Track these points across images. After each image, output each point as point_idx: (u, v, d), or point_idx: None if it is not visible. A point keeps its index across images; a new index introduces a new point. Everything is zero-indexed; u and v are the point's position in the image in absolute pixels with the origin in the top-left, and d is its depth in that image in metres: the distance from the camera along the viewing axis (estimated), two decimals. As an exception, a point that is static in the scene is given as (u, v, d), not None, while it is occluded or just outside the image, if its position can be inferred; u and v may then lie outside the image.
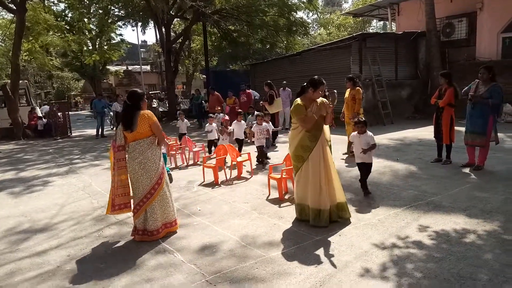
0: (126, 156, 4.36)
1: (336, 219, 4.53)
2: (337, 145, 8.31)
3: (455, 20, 14.98)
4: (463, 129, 6.76)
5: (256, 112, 8.57)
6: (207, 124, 9.09)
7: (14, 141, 15.14)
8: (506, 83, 12.90)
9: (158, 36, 23.60)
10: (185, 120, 10.20)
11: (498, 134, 6.70)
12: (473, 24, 14.50)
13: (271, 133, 8.31)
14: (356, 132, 5.51)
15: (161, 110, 21.80)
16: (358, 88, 8.11)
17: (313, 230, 4.32)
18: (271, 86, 11.24)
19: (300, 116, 4.42)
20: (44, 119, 17.42)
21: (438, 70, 12.77)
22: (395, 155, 7.91)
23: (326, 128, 4.68)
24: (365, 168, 5.48)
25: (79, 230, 4.81)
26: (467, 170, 6.51)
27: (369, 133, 5.41)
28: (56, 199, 6.28)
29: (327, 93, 5.52)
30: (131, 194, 4.43)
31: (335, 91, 5.02)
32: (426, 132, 9.79)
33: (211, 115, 9.78)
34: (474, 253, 3.56)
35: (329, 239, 4.07)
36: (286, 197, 5.62)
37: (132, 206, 4.44)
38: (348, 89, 8.26)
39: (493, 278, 3.11)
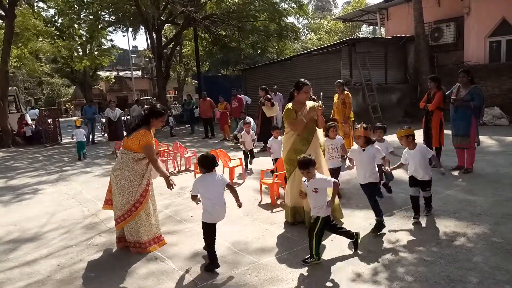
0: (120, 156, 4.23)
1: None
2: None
3: (443, 25, 15.20)
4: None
5: (329, 123, 5.86)
6: (271, 139, 6.99)
7: (4, 149, 14.95)
8: (493, 86, 13.16)
9: (149, 42, 23.58)
10: (252, 132, 8.12)
11: (488, 137, 6.80)
12: (460, 29, 14.72)
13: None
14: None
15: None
16: (347, 92, 8.23)
17: (305, 235, 4.31)
18: (267, 90, 11.25)
19: (290, 120, 4.49)
20: (33, 126, 17.23)
21: (427, 74, 12.92)
22: (386, 159, 7.95)
23: (320, 132, 4.70)
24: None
25: (69, 238, 4.76)
26: (456, 173, 6.58)
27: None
28: (46, 208, 6.21)
29: (315, 97, 5.52)
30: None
31: (321, 93, 5.01)
32: (416, 136, 9.89)
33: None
34: (464, 256, 3.59)
35: (321, 243, 4.07)
36: (278, 202, 5.63)
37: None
38: (337, 94, 8.36)
39: (483, 281, 3.15)
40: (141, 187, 4.10)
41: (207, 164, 3.73)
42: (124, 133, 11.38)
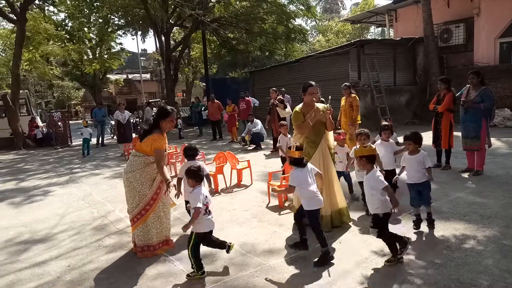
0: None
1: (338, 224, 4.56)
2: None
3: (452, 26, 15.08)
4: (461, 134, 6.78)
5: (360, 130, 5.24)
6: (280, 136, 7.41)
7: (15, 151, 15.16)
8: (504, 88, 13.02)
9: (157, 45, 23.74)
10: (289, 136, 7.51)
11: (498, 139, 6.71)
12: (470, 30, 14.59)
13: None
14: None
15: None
16: (354, 95, 8.21)
17: (313, 237, 4.31)
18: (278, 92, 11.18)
19: (297, 123, 4.49)
20: (43, 128, 17.46)
21: (436, 75, 12.83)
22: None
23: (330, 135, 4.67)
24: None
25: (79, 240, 4.81)
26: (466, 175, 6.52)
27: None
28: (56, 209, 6.29)
29: (323, 99, 5.49)
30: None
31: (330, 96, 4.98)
32: (425, 138, 9.81)
33: None
34: (474, 259, 3.55)
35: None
36: (286, 204, 5.62)
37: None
38: (344, 97, 8.35)
39: (493, 284, 3.11)
40: (151, 189, 4.11)
41: (188, 152, 4.62)
42: (134, 135, 11.53)
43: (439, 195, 5.54)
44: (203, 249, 4.19)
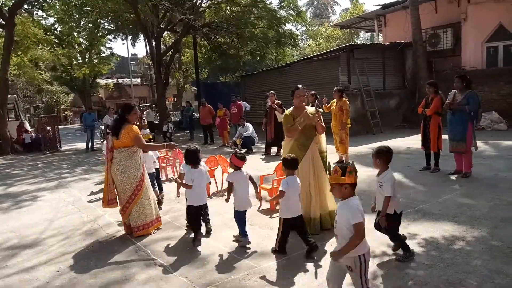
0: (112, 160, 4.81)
1: (329, 226, 4.55)
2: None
3: (440, 31, 15.31)
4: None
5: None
6: None
7: (3, 156, 14.94)
8: (491, 91, 13.24)
9: (148, 49, 23.69)
10: None
11: (486, 142, 6.79)
12: (458, 34, 14.83)
13: None
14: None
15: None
16: (345, 99, 8.28)
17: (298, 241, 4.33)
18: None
19: (286, 126, 4.54)
20: (32, 133, 17.26)
21: (425, 79, 12.98)
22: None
23: (323, 138, 4.69)
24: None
25: (68, 245, 4.75)
26: (455, 177, 6.59)
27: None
28: (45, 214, 6.21)
29: (319, 103, 5.56)
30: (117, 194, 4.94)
31: (317, 101, 5.06)
32: (415, 141, 9.92)
33: None
34: (463, 259, 3.59)
35: (320, 249, 4.07)
36: (277, 207, 5.62)
37: (118, 204, 4.93)
38: (335, 100, 8.42)
39: (482, 284, 3.15)
40: (139, 174, 4.77)
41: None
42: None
43: (428, 197, 5.60)
44: (194, 253, 4.20)
